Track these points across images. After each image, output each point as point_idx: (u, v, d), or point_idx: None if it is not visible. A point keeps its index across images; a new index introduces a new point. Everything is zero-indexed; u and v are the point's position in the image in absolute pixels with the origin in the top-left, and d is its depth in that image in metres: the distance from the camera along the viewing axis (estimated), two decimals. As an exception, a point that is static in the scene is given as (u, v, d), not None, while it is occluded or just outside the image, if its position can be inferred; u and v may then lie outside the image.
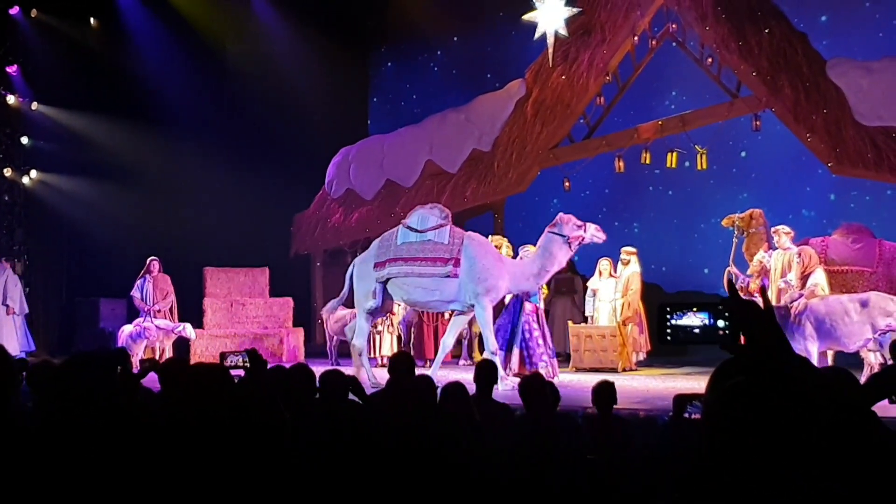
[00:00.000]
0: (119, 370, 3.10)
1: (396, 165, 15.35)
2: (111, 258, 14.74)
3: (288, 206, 16.86)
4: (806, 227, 11.40)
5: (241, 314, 14.10)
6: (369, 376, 9.48)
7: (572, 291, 13.64)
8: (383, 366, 10.83)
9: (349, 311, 12.44)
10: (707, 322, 1.73)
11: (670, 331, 1.77)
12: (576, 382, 9.59)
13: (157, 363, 4.55)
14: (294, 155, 16.65)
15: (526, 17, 13.09)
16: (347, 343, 12.66)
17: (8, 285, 12.63)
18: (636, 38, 12.93)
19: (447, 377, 8.61)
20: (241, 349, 4.31)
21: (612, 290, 11.61)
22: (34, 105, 14.75)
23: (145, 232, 14.63)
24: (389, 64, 19.16)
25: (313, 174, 16.67)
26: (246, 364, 4.37)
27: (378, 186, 15.65)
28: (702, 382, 2.94)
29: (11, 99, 14.58)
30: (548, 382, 4.85)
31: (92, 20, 15.55)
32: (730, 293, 1.73)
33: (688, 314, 1.75)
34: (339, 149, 16.51)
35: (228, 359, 4.52)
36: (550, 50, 13.15)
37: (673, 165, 12.43)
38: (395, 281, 9.58)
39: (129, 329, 11.76)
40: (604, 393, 4.78)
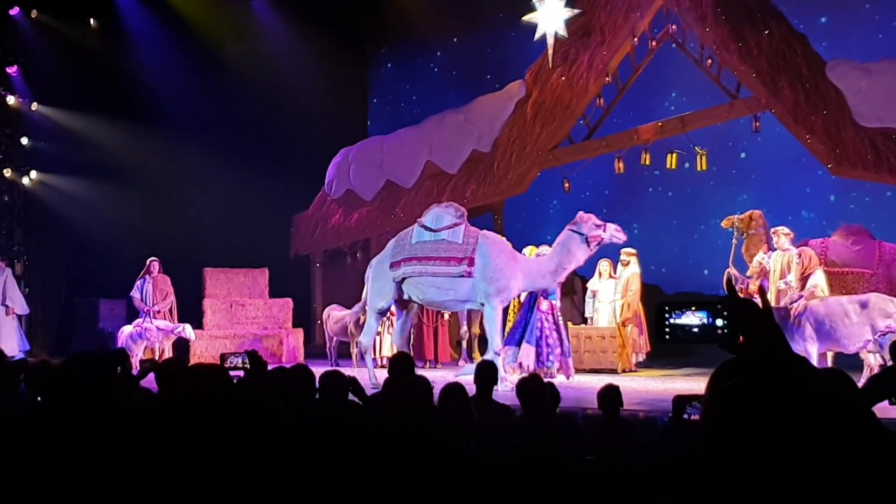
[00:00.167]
0: (119, 371, 3.10)
1: (396, 166, 15.35)
2: (111, 259, 14.72)
3: (287, 207, 16.87)
4: (805, 229, 11.38)
5: (241, 315, 14.10)
6: (370, 377, 9.47)
7: (572, 292, 13.60)
8: (383, 366, 10.82)
9: (349, 312, 12.44)
10: (706, 321, 1.72)
11: (669, 330, 1.76)
12: (576, 383, 9.59)
13: (157, 364, 4.55)
14: (294, 155, 16.65)
15: (526, 18, 13.10)
16: (347, 344, 12.69)
17: (7, 286, 12.61)
18: (636, 40, 12.94)
19: (446, 378, 8.63)
20: (241, 350, 4.31)
21: (612, 292, 11.62)
22: (34, 105, 14.75)
23: (145, 232, 14.61)
24: (389, 65, 19.18)
25: (313, 175, 16.68)
26: (246, 365, 4.37)
27: (378, 187, 15.66)
28: (701, 383, 2.94)
29: (11, 99, 14.58)
30: (547, 383, 4.85)
31: (92, 21, 15.56)
32: (728, 292, 1.73)
33: (686, 313, 1.74)
34: (339, 149, 16.53)
35: (229, 360, 4.52)
36: (550, 51, 13.16)
37: (672, 166, 12.44)
38: (411, 280, 9.58)
39: (129, 330, 11.77)
40: (610, 397, 4.79)
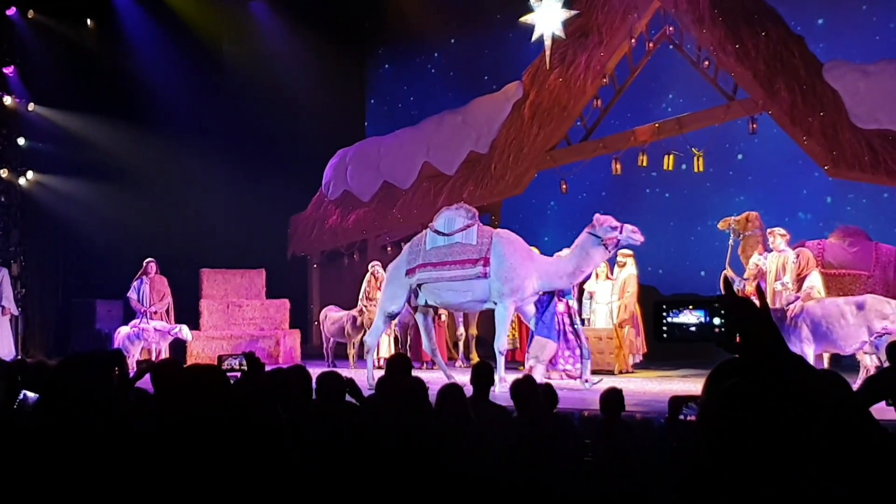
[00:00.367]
0: (115, 371, 3.09)
1: (393, 167, 15.35)
2: (108, 259, 14.68)
3: (285, 208, 16.86)
4: (802, 230, 11.38)
5: (238, 316, 14.07)
6: (369, 377, 9.47)
7: (569, 293, 13.62)
8: (381, 367, 10.81)
9: (345, 314, 12.44)
10: (703, 320, 1.72)
11: (666, 328, 1.76)
12: (575, 384, 9.57)
13: (154, 364, 4.55)
14: (291, 156, 16.64)
15: (523, 20, 13.11)
16: (344, 345, 12.68)
17: (3, 287, 12.58)
18: (633, 41, 12.95)
19: (444, 379, 8.63)
20: (238, 351, 4.32)
21: (609, 293, 11.61)
22: (31, 106, 14.71)
23: (142, 233, 14.58)
24: (387, 66, 19.18)
25: (310, 176, 16.67)
26: (243, 367, 4.36)
27: (375, 188, 15.66)
28: (698, 384, 2.95)
29: (8, 100, 14.54)
30: (543, 385, 4.85)
31: (89, 21, 15.53)
32: (725, 290, 1.73)
33: (684, 312, 1.74)
34: (337, 150, 16.53)
35: (227, 362, 4.51)
36: (547, 52, 13.17)
37: (670, 168, 12.45)
38: (427, 286, 9.58)
39: (126, 330, 11.76)
40: (612, 401, 4.78)
